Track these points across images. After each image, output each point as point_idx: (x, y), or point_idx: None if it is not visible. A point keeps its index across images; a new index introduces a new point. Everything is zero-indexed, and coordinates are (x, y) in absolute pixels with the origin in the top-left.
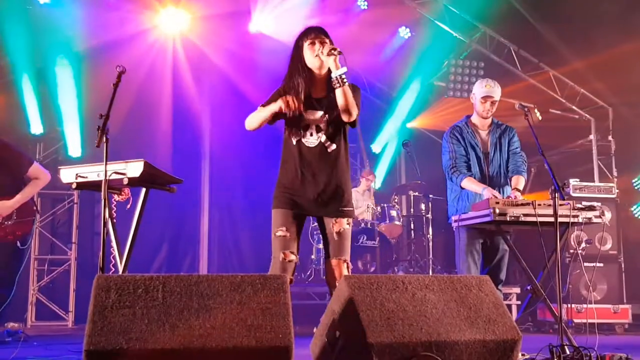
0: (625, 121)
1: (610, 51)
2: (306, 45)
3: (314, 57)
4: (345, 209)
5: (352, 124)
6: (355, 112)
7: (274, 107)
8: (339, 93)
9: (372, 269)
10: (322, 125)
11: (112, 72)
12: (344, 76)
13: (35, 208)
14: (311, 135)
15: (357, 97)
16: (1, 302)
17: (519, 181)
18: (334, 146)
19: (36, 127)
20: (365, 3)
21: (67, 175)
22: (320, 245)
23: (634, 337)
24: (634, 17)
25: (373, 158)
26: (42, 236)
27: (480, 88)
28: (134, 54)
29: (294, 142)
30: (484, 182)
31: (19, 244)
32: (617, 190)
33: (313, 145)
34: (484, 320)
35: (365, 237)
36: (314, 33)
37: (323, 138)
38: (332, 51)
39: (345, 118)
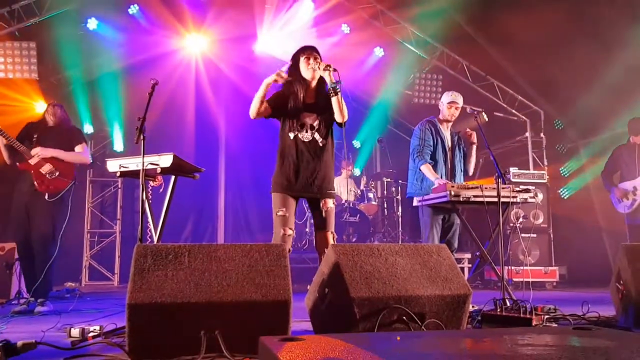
0: (553, 122)
1: (542, 66)
2: (302, 59)
3: (307, 70)
4: (330, 191)
5: (341, 124)
6: (346, 115)
7: (268, 79)
8: (334, 100)
9: (354, 239)
10: (315, 125)
11: (147, 84)
12: (337, 87)
13: (74, 175)
14: (306, 132)
15: None
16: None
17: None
18: (323, 142)
19: (88, 128)
20: (348, 28)
21: (113, 165)
22: None
23: (561, 292)
24: (559, 41)
25: (355, 152)
26: (93, 214)
27: (448, 97)
28: (164, 69)
29: (292, 137)
30: (446, 170)
31: (46, 196)
32: (547, 177)
33: (308, 140)
34: (442, 279)
35: (348, 215)
36: (309, 50)
37: (316, 135)
38: (328, 67)
39: (339, 119)
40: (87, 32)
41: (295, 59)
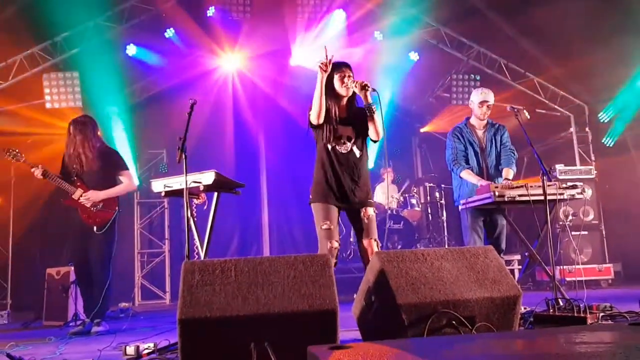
0: (598, 116)
1: (582, 59)
2: (336, 77)
3: (342, 88)
4: (370, 200)
5: (375, 141)
6: (382, 134)
7: (320, 78)
8: (370, 120)
9: (399, 246)
10: (352, 136)
11: (187, 104)
12: (373, 107)
13: (117, 204)
14: (344, 144)
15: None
16: (99, 284)
17: (509, 172)
18: (360, 153)
19: (133, 150)
20: (381, 35)
21: (157, 186)
22: None
23: (616, 290)
24: (597, 31)
25: (395, 158)
26: (142, 235)
27: (477, 95)
28: (202, 89)
29: (330, 149)
30: (482, 173)
31: (95, 229)
32: (595, 172)
33: (345, 152)
34: (491, 281)
35: (392, 222)
36: (343, 67)
37: (354, 147)
38: (365, 87)
39: (374, 137)
40: (127, 58)
41: (329, 75)
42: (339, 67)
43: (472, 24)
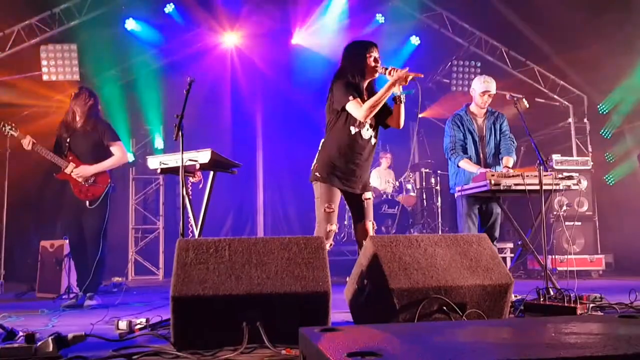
0: (597, 107)
1: (583, 49)
2: (367, 57)
3: (373, 70)
4: (369, 184)
5: (385, 126)
6: (403, 124)
7: (389, 84)
8: (396, 109)
9: (393, 231)
10: (372, 123)
11: (185, 81)
12: (404, 96)
13: (110, 179)
14: (367, 130)
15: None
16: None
17: (509, 161)
18: (375, 140)
19: (128, 127)
20: (383, 18)
21: (153, 162)
22: None
23: (607, 281)
24: (600, 22)
25: (392, 142)
26: (136, 211)
27: (480, 84)
28: (201, 66)
29: (353, 132)
30: (480, 161)
31: (87, 203)
32: (592, 163)
33: (367, 138)
34: (483, 269)
35: (387, 206)
36: (375, 48)
37: (372, 133)
38: (410, 78)
39: (394, 126)
40: (125, 33)
41: (360, 53)
42: (372, 46)
43: (475, 10)
